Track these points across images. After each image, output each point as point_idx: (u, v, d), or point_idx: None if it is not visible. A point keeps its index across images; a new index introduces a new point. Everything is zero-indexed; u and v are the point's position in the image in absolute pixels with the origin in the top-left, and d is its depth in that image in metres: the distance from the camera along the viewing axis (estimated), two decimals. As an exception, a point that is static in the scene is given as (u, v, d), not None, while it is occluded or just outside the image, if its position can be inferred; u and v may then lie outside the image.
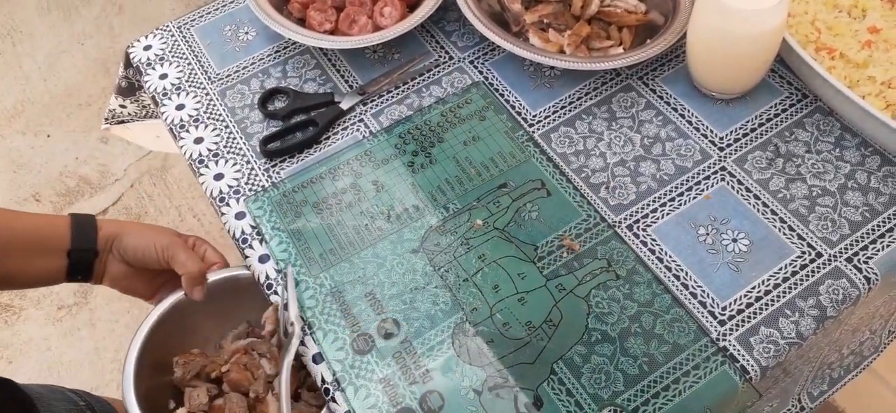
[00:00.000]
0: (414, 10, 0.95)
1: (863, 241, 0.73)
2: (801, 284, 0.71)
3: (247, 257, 0.78)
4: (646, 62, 0.90)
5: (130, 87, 1.05)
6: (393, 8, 0.94)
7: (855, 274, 0.71)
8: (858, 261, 0.72)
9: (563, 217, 0.77)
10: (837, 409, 1.35)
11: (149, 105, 1.08)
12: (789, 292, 0.71)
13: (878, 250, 0.73)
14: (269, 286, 0.76)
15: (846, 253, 0.73)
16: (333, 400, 0.68)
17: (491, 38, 0.88)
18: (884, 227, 0.74)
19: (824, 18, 0.84)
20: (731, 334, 0.69)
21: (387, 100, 0.91)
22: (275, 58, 0.96)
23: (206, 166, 0.86)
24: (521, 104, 0.88)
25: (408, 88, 0.92)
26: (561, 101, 0.88)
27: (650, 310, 0.70)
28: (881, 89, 0.77)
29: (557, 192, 0.79)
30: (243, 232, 0.80)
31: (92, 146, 1.97)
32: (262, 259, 0.77)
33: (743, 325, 0.69)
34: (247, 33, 1.00)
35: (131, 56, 0.99)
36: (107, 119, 1.09)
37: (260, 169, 0.85)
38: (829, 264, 0.72)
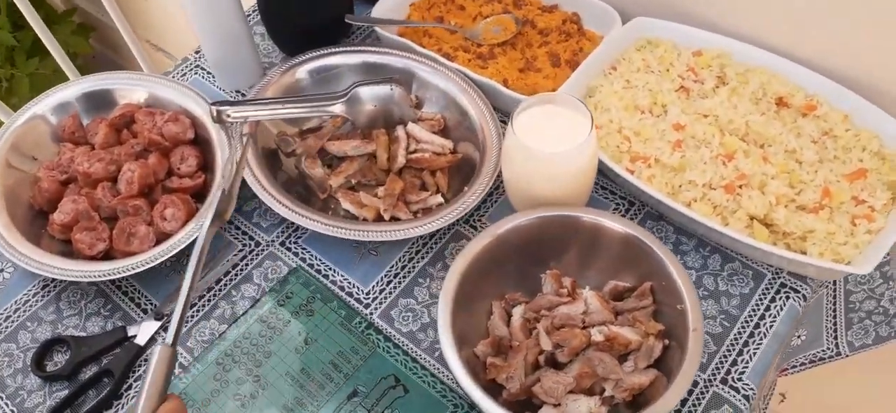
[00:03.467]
0: (201, 201, 0.82)
1: (730, 356, 0.71)
2: (687, 424, 0.68)
3: None
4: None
5: None
6: (175, 208, 0.81)
7: (733, 395, 0.69)
8: (732, 379, 0.70)
9: (429, 414, 0.69)
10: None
11: None
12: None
13: (747, 361, 0.71)
14: None
15: (719, 373, 0.70)
16: None
17: (292, 219, 0.78)
18: (745, 333, 0.73)
19: (629, 123, 0.83)
20: None
21: (192, 317, 0.77)
22: (43, 296, 0.80)
23: (-22, 471, 0.68)
24: (350, 283, 0.79)
25: (214, 295, 0.79)
26: (393, 268, 0.80)
27: None
28: (704, 192, 0.76)
29: (416, 386, 0.71)
30: None
31: None
32: None
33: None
34: (2, 271, 0.82)
35: None
36: None
37: (51, 455, 0.68)
38: (707, 392, 0.69)
